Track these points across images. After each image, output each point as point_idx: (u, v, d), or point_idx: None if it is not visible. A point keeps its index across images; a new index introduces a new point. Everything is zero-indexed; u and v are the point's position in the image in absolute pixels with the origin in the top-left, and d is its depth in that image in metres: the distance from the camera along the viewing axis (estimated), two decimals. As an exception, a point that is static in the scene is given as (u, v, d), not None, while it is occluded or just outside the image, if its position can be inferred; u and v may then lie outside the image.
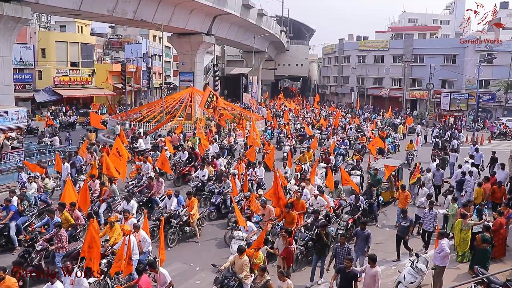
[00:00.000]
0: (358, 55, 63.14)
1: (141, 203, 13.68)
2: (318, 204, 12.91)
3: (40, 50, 43.77)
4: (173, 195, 12.78)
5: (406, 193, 13.38)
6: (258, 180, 16.27)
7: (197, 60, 39.10)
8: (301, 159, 19.59)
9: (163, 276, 7.92)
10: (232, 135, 25.30)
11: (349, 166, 19.28)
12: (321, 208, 12.72)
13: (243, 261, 8.37)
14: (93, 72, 47.53)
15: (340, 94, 69.74)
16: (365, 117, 45.96)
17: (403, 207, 12.73)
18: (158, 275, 7.89)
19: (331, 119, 38.66)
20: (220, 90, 43.28)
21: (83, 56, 46.31)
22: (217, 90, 32.57)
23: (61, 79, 43.67)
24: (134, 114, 33.15)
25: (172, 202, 12.59)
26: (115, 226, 9.98)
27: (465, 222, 11.02)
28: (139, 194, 14.24)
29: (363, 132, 30.59)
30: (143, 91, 56.40)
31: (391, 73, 58.53)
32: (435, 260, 9.49)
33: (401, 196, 13.35)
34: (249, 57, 56.70)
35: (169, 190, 13.18)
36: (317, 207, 12.69)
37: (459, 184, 15.64)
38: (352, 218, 12.52)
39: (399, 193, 13.56)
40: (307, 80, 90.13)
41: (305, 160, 19.45)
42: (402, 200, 13.26)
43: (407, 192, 13.47)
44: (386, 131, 30.74)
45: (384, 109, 48.87)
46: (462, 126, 37.18)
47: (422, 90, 53.26)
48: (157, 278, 7.93)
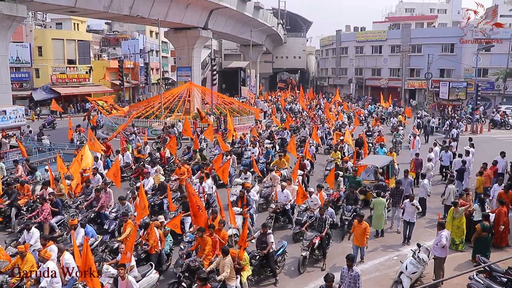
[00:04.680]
0: (356, 46, 62.87)
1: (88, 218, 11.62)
2: (311, 203, 12.11)
3: (37, 48, 43.51)
4: (78, 226, 9.97)
5: (364, 225, 9.99)
6: (207, 198, 13.18)
7: (194, 55, 38.96)
8: (278, 164, 17.01)
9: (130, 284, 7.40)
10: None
11: (331, 164, 17.78)
12: (314, 207, 11.93)
13: (225, 262, 8.27)
14: (90, 69, 47.30)
15: (338, 86, 69.64)
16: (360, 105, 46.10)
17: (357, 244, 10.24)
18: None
19: (320, 114, 35.49)
20: (218, 84, 43.15)
21: (80, 53, 46.12)
22: (215, 85, 32.39)
23: (58, 76, 43.44)
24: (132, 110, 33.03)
25: (77, 234, 9.71)
26: (26, 257, 8.24)
27: (456, 210, 11.14)
28: (85, 210, 12.24)
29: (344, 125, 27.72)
30: (141, 87, 56.22)
31: (389, 64, 58.29)
32: (434, 251, 9.53)
33: (357, 230, 10.02)
34: (247, 51, 56.49)
35: (74, 219, 10.31)
36: (311, 205, 12.01)
37: (459, 173, 15.64)
38: (318, 235, 10.29)
39: (353, 226, 10.18)
40: (305, 73, 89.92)
41: (283, 164, 16.94)
42: (358, 236, 10.06)
43: (364, 223, 10.04)
44: (395, 126, 27.75)
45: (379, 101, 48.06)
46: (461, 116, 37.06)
47: (420, 79, 53.03)
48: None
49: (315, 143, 22.23)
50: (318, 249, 10.31)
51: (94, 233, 10.38)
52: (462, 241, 11.26)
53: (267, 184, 14.71)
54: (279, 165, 16.87)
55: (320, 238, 10.26)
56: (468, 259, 10.73)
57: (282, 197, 12.63)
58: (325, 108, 37.40)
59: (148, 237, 9.52)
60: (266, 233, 9.61)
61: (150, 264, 9.12)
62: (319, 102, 49.02)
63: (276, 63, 78.49)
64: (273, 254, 9.62)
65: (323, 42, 75.89)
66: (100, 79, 48.71)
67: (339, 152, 19.19)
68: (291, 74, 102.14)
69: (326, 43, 73.09)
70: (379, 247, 11.69)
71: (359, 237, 10.01)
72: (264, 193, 14.30)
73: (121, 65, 33.37)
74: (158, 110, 30.70)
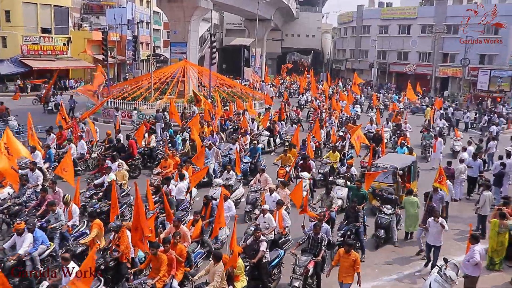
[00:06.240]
0: (380, 24, 62.64)
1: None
2: (264, 224, 10.75)
3: (3, 12, 42.80)
4: (25, 230, 9.51)
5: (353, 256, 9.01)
6: (175, 203, 12.66)
7: (191, 29, 38.57)
8: (283, 160, 16.61)
9: None
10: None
11: (324, 167, 17.12)
12: (265, 231, 10.50)
13: (215, 269, 8.22)
14: (68, 41, 47.13)
15: (357, 71, 69.25)
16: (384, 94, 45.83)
17: None
18: None
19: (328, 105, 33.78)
20: (217, 64, 43.00)
21: (57, 21, 45.81)
22: (214, 64, 32.24)
23: (30, 48, 43.12)
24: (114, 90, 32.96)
25: (24, 240, 9.30)
26: None
27: (503, 223, 10.82)
28: (27, 217, 11.30)
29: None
30: (128, 64, 56.15)
31: (419, 47, 57.86)
32: (465, 268, 9.39)
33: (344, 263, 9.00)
34: (252, 26, 56.13)
35: (19, 224, 9.72)
36: (262, 227, 10.48)
37: (498, 177, 15.49)
38: (312, 260, 9.59)
39: (338, 255, 9.18)
40: (319, 54, 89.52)
41: (289, 160, 16.45)
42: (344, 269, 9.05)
43: (354, 254, 9.07)
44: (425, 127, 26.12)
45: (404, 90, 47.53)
46: (503, 110, 36.72)
47: (455, 66, 52.64)
48: None
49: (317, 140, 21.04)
50: (311, 276, 9.69)
51: (45, 238, 9.82)
52: (501, 260, 11.10)
53: (254, 187, 14.09)
54: (284, 161, 16.56)
55: (315, 263, 9.60)
56: (506, 280, 10.60)
57: (270, 202, 11.84)
58: (339, 97, 37.06)
59: (119, 242, 9.20)
60: (258, 239, 9.42)
61: (99, 279, 8.55)
62: (337, 90, 48.18)
63: (286, 41, 78.12)
64: (266, 265, 9.40)
65: (341, 18, 75.47)
66: (80, 52, 48.38)
67: (337, 153, 17.91)
68: (303, 56, 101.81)
69: (345, 20, 72.70)
70: (397, 259, 11.52)
71: (344, 271, 8.96)
72: (251, 199, 13.66)
73: (105, 37, 33.11)
74: (147, 91, 30.57)
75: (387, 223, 12.29)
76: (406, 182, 14.63)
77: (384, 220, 12.30)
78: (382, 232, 12.22)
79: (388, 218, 12.31)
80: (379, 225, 12.30)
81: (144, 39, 56.05)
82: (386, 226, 12.29)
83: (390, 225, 12.36)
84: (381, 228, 12.25)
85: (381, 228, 12.25)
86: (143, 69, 55.07)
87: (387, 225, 12.30)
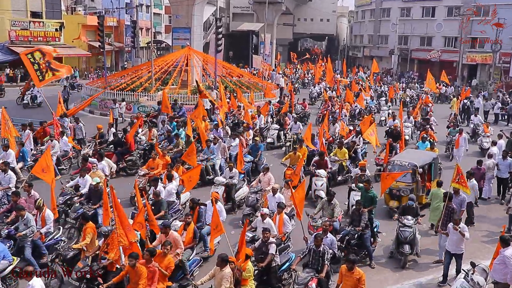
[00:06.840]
0: (401, 7, 63.13)
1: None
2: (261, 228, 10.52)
3: (-11, -6, 42.92)
4: None
5: (357, 273, 8.73)
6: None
7: (195, 13, 38.42)
8: (291, 159, 16.23)
9: None
10: None
11: (332, 165, 16.48)
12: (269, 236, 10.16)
13: (223, 275, 8.25)
14: (61, 26, 47.12)
15: (376, 58, 68.78)
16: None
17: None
18: None
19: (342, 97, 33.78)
20: (224, 51, 42.85)
21: (48, 4, 45.70)
22: (220, 51, 32.13)
23: (19, 33, 43.02)
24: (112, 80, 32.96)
25: None
26: None
27: None
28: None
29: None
30: (126, 51, 56.35)
31: (444, 31, 57.90)
32: (494, 273, 9.25)
33: (347, 282, 8.78)
34: (261, 10, 56.19)
35: None
36: (259, 232, 10.45)
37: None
38: (314, 277, 9.22)
39: (340, 273, 8.92)
40: (334, 40, 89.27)
41: (298, 159, 15.96)
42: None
43: (357, 272, 8.76)
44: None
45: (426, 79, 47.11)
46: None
47: (485, 52, 52.16)
48: None
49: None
50: None
51: (7, 253, 9.31)
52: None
53: (254, 188, 13.99)
54: (293, 161, 16.10)
55: (318, 280, 9.18)
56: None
57: (274, 203, 11.92)
58: (351, 87, 36.63)
59: (108, 249, 9.10)
60: (267, 240, 9.41)
61: None
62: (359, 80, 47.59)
63: (298, 26, 78.16)
64: (275, 269, 9.39)
65: (358, 1, 75.35)
66: (74, 39, 48.60)
67: (345, 150, 17.09)
68: (317, 42, 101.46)
69: (363, 3, 73.08)
70: (418, 264, 11.49)
71: None
72: (251, 201, 13.53)
73: (101, 22, 33.13)
74: (148, 81, 30.55)
75: (411, 237, 11.28)
76: (427, 181, 14.45)
77: (408, 233, 11.26)
78: (407, 247, 11.26)
79: (411, 230, 11.33)
80: (403, 240, 11.30)
81: (144, 24, 56.26)
82: (411, 240, 11.30)
83: (415, 237, 11.42)
84: (405, 243, 11.28)
85: (405, 243, 11.28)
86: (142, 57, 55.58)
87: (412, 238, 11.31)
